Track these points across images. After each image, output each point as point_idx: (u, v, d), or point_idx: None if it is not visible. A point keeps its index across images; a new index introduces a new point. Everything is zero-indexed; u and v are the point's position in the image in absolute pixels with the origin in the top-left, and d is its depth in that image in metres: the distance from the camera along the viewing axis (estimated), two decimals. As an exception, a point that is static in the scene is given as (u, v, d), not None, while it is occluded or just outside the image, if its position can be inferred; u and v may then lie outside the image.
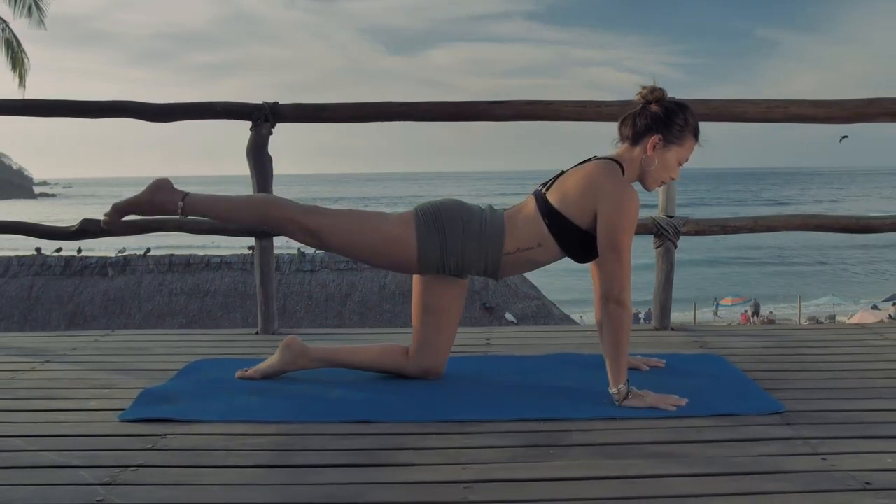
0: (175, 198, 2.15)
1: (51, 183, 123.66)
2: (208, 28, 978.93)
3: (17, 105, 3.23)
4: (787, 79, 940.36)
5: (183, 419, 1.95)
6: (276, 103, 3.03)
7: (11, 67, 14.76)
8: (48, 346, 2.83)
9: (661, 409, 1.99)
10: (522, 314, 11.64)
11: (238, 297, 11.24)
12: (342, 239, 2.15)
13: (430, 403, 2.06)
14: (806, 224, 2.97)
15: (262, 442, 1.81)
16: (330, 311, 11.38)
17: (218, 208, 2.20)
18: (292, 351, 2.28)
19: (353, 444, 1.79)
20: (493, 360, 2.58)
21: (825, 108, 2.87)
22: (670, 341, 2.87)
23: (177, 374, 2.39)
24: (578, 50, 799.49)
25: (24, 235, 3.15)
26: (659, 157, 2.13)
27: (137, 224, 3.03)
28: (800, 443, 1.77)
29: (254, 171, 3.02)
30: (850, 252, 34.61)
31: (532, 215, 2.15)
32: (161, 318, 11.19)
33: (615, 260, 2.04)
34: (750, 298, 24.16)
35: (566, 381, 2.29)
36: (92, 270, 11.71)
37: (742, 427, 1.88)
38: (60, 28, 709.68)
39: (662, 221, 2.98)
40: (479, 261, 2.15)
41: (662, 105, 2.14)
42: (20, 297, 11.39)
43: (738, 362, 2.49)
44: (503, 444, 1.79)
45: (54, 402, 2.14)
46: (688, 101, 2.95)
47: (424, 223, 2.13)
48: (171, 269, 11.76)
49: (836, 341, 2.84)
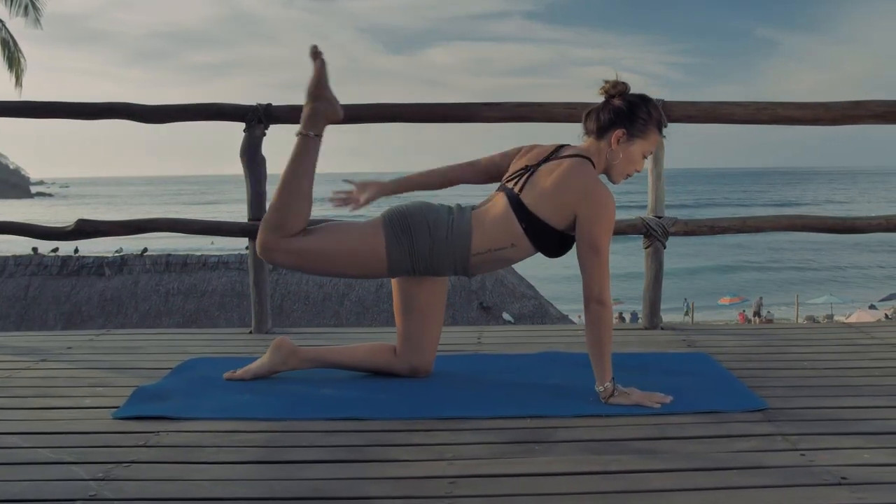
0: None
1: (48, 182, 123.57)
2: (206, 27, 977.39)
3: (14, 106, 3.26)
4: (786, 79, 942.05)
5: (175, 417, 1.98)
6: (270, 105, 3.06)
7: (8, 67, 14.76)
8: (44, 346, 2.86)
9: (645, 407, 2.02)
10: (519, 314, 11.67)
11: (235, 296, 11.26)
12: (315, 264, 2.20)
13: (418, 401, 2.10)
14: (793, 224, 3.01)
15: (252, 438, 1.85)
16: (327, 310, 11.41)
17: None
18: (282, 351, 2.31)
19: (341, 441, 1.83)
20: (482, 359, 2.62)
21: (811, 110, 2.91)
22: (658, 340, 2.90)
23: (170, 372, 2.43)
24: (577, 49, 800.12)
25: (20, 236, 3.18)
26: (623, 151, 2.16)
27: (132, 224, 3.06)
28: (779, 439, 1.80)
29: (247, 173, 3.06)
30: (845, 252, 34.70)
31: (503, 214, 2.15)
32: (158, 317, 11.22)
33: (595, 260, 2.07)
34: (747, 298, 24.21)
35: (554, 378, 2.33)
36: (88, 270, 11.72)
37: (724, 423, 1.91)
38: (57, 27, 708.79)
39: (651, 222, 3.01)
40: (448, 262, 2.17)
41: (625, 99, 2.17)
42: (16, 296, 11.40)
43: (724, 361, 2.52)
44: (489, 440, 1.82)
45: (49, 401, 2.17)
46: (676, 103, 3.02)
47: (392, 228, 2.15)
48: (167, 269, 11.78)
49: (822, 340, 2.88)
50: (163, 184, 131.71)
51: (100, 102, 3.13)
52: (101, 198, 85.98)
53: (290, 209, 2.16)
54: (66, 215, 48.37)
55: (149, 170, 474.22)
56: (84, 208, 60.61)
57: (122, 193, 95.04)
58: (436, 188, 2.35)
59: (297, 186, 2.17)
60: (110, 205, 68.30)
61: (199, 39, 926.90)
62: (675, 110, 2.97)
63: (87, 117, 3.20)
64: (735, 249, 35.14)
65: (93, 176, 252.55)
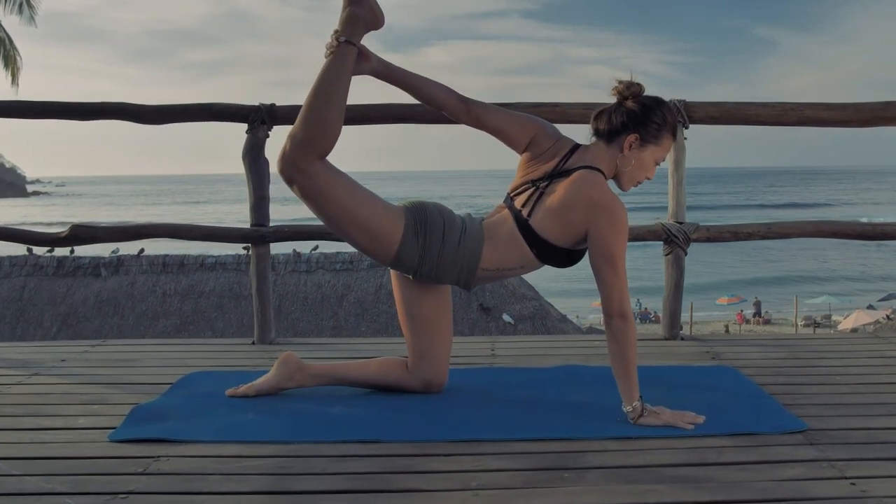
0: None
1: (44, 181, 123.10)
2: (202, 25, 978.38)
3: (10, 106, 3.12)
4: (785, 78, 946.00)
5: (175, 439, 1.85)
6: (273, 105, 2.93)
7: (4, 65, 14.61)
8: (36, 358, 2.73)
9: (677, 428, 1.90)
10: (520, 315, 11.56)
11: (233, 297, 11.12)
12: (330, 212, 1.98)
13: (435, 421, 1.97)
14: (820, 231, 2.89)
15: (258, 465, 1.72)
16: (325, 311, 11.27)
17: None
18: (289, 367, 2.18)
19: (355, 467, 1.70)
20: (498, 372, 2.50)
21: (841, 112, 2.79)
22: (681, 351, 2.78)
23: (169, 388, 2.30)
24: (575, 48, 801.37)
25: (12, 242, 3.05)
26: (635, 157, 2.04)
27: (130, 230, 2.93)
28: (825, 465, 1.68)
29: (250, 176, 2.93)
30: (842, 251, 34.64)
31: (512, 236, 2.04)
32: (155, 319, 11.06)
33: (612, 273, 1.95)
34: (745, 298, 24.14)
35: (576, 395, 2.21)
36: (85, 271, 11.57)
37: (764, 447, 1.79)
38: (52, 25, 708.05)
39: (672, 228, 2.89)
40: (454, 270, 2.05)
41: (639, 102, 2.04)
42: (12, 297, 11.24)
43: (752, 375, 2.40)
44: (515, 466, 1.70)
45: (41, 420, 2.04)
46: (698, 103, 2.90)
47: (412, 224, 2.02)
48: (164, 270, 11.62)
49: (851, 352, 2.76)
50: (161, 183, 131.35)
51: (98, 103, 3.00)
52: (98, 197, 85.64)
53: (320, 123, 1.93)
54: (63, 215, 48.17)
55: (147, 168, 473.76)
56: (80, 209, 60.34)
57: (120, 192, 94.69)
58: (423, 99, 2.14)
59: (329, 98, 1.94)
60: (112, 205, 67.81)
61: (195, 37, 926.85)
62: (697, 111, 2.85)
63: (85, 118, 3.07)
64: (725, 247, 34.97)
65: (89, 175, 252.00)
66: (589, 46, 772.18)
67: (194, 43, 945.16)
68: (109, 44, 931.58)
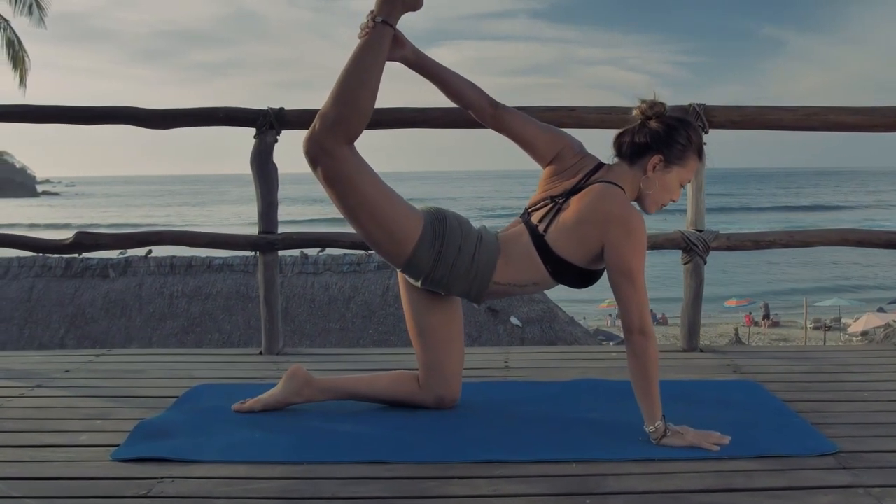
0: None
1: (53, 181, 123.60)
2: (210, 26, 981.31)
3: (20, 111, 3.06)
4: (792, 79, 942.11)
5: (180, 459, 1.78)
6: (282, 109, 2.87)
7: (12, 67, 14.63)
8: (39, 368, 2.67)
9: (702, 449, 1.82)
10: (528, 317, 11.46)
11: (240, 299, 11.07)
12: (351, 201, 1.90)
13: (450, 441, 1.90)
14: (846, 239, 2.80)
15: (267, 488, 1.65)
16: (333, 314, 11.21)
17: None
18: (297, 381, 2.11)
19: (367, 491, 1.63)
20: (513, 387, 2.42)
21: (867, 116, 2.70)
22: (700, 364, 2.70)
23: (175, 402, 2.23)
24: (582, 48, 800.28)
25: (18, 249, 2.99)
26: (659, 179, 1.97)
27: (135, 238, 2.87)
28: (861, 492, 1.60)
29: (258, 182, 2.87)
30: (846, 253, 34.34)
31: (527, 252, 1.98)
32: (162, 321, 11.03)
33: (631, 289, 1.88)
34: (755, 300, 23.95)
35: (594, 412, 2.13)
36: (93, 272, 11.53)
37: (794, 472, 1.71)
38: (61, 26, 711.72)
39: (692, 236, 2.81)
40: (465, 281, 1.98)
41: (663, 122, 1.97)
42: (20, 298, 11.22)
43: (776, 390, 2.32)
44: (534, 491, 1.62)
45: (42, 436, 1.98)
46: (719, 107, 2.81)
47: (430, 228, 1.95)
48: (172, 271, 11.58)
49: (878, 365, 2.68)
50: (169, 183, 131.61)
51: (105, 107, 2.95)
52: (107, 197, 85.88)
53: (353, 104, 1.86)
54: (72, 216, 48.32)
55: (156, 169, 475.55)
56: (90, 210, 60.43)
57: (129, 192, 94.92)
58: (451, 95, 2.09)
59: (363, 79, 1.87)
60: (122, 206, 67.83)
61: (203, 38, 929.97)
62: (717, 115, 2.77)
63: (92, 122, 3.01)
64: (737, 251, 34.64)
65: (99, 175, 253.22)
66: (596, 47, 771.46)
67: (201, 44, 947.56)
68: (117, 44, 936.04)
